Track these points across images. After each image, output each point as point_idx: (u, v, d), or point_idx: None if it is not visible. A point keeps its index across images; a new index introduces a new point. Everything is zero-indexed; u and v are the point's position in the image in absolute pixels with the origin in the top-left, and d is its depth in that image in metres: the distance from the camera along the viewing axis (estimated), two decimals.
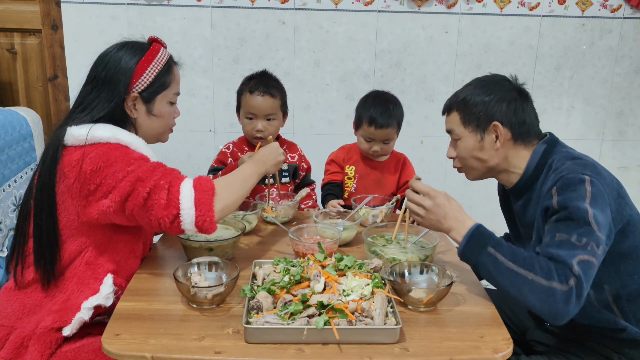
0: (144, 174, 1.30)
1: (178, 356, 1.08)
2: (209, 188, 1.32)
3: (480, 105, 1.44)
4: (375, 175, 2.08)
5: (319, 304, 1.16)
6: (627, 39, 2.94)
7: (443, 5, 2.87)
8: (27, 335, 1.31)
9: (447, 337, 1.17)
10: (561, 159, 1.38)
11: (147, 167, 1.32)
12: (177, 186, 1.30)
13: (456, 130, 1.49)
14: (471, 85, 1.50)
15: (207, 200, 1.30)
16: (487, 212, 3.20)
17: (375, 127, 1.97)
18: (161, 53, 1.47)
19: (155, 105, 1.47)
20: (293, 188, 2.14)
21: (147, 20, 2.84)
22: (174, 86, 1.51)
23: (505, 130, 1.42)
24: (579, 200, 1.25)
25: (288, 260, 1.40)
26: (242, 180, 1.45)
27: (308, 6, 2.85)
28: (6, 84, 3.06)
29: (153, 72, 1.44)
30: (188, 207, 1.28)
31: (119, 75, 1.41)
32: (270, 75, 2.04)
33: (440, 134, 3.13)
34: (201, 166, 3.01)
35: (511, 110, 1.43)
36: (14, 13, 2.94)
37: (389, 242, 1.60)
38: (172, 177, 1.32)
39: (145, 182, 1.29)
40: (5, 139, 2.12)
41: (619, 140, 3.11)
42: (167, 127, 1.54)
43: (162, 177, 1.31)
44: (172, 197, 1.28)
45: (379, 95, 2.05)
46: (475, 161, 1.48)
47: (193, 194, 1.29)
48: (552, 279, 1.20)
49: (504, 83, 1.47)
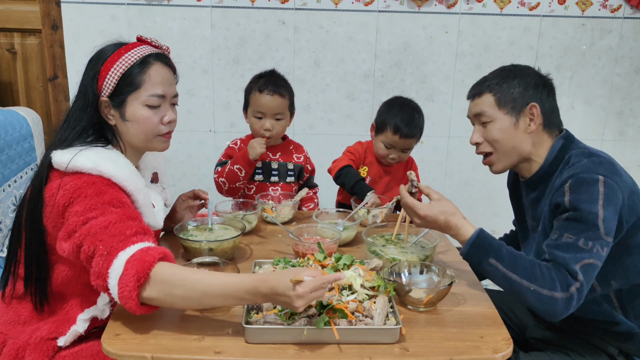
0: (95, 229, 1.17)
1: (178, 356, 1.08)
2: (141, 270, 1.11)
3: (518, 86, 1.43)
4: (386, 180, 2.09)
5: (319, 304, 1.16)
6: (627, 39, 2.94)
7: (443, 5, 2.87)
8: (21, 346, 1.29)
9: (447, 337, 1.17)
10: (578, 155, 1.38)
11: (102, 221, 1.18)
12: (113, 256, 1.14)
13: (488, 112, 1.45)
14: (500, 70, 1.49)
15: (130, 284, 1.11)
16: (487, 212, 3.20)
17: (400, 136, 1.97)
18: (134, 50, 1.35)
19: (126, 108, 1.35)
20: (297, 188, 2.14)
21: (147, 20, 2.84)
22: (148, 87, 1.35)
23: (539, 114, 1.42)
24: (590, 202, 1.26)
25: (288, 260, 1.40)
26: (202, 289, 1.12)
27: (308, 6, 2.85)
28: (6, 84, 3.06)
29: (117, 71, 1.32)
30: (113, 284, 1.13)
31: (86, 80, 1.34)
32: (279, 75, 2.05)
33: (441, 134, 3.15)
34: (201, 166, 3.02)
35: (545, 95, 1.44)
36: (14, 13, 2.94)
37: (389, 242, 1.60)
38: (116, 242, 1.16)
39: (92, 240, 1.17)
40: (5, 139, 2.12)
41: (619, 140, 3.10)
42: (149, 133, 1.38)
43: (107, 239, 1.16)
44: (104, 266, 1.14)
45: (406, 103, 2.04)
46: (508, 144, 1.45)
47: (121, 272, 1.12)
48: (554, 289, 1.23)
49: (531, 70, 1.48)
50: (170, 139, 1.45)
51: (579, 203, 1.27)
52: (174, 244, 1.62)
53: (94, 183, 1.23)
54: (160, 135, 1.41)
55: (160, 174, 1.64)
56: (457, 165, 3.11)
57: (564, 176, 1.34)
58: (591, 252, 1.25)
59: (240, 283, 1.11)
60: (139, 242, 1.17)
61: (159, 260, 1.14)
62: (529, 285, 1.24)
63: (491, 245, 1.31)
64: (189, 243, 1.49)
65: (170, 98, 1.41)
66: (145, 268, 1.11)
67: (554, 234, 1.31)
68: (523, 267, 1.26)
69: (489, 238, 1.33)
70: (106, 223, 1.18)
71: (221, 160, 2.08)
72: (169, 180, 3.02)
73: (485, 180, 3.07)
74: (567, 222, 1.29)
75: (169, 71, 1.41)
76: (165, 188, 1.65)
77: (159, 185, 1.63)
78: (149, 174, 1.58)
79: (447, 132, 3.07)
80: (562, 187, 1.31)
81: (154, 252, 1.14)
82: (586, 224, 1.26)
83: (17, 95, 3.09)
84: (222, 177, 1.99)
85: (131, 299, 1.11)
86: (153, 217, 1.38)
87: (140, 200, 1.32)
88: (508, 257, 1.28)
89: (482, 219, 3.09)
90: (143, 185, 1.34)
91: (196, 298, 1.13)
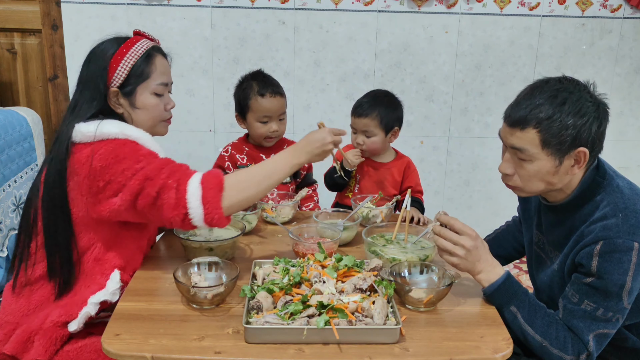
0: (152, 173, 1.29)
1: (178, 356, 1.08)
2: (216, 184, 1.30)
3: (571, 128, 1.20)
4: (377, 177, 2.07)
5: (319, 304, 1.16)
6: (627, 39, 2.94)
7: (443, 5, 2.87)
8: (33, 331, 1.33)
9: (447, 337, 1.17)
10: (612, 204, 1.24)
11: (156, 164, 1.32)
12: (185, 184, 1.29)
13: (530, 150, 1.24)
14: (553, 96, 1.23)
15: (213, 198, 1.29)
16: (487, 213, 3.20)
17: (354, 115, 2.00)
18: (139, 44, 1.43)
19: (137, 97, 1.44)
20: (294, 188, 2.13)
21: (147, 20, 2.84)
22: (156, 76, 1.45)
23: (587, 157, 1.24)
24: (619, 274, 1.18)
25: (288, 260, 1.40)
26: (263, 176, 1.38)
27: (308, 6, 2.85)
28: (6, 84, 3.07)
29: (128, 64, 1.40)
30: (195, 205, 1.28)
31: (96, 72, 1.40)
32: (268, 75, 2.04)
33: (441, 134, 3.16)
34: (201, 166, 2.97)
35: (599, 133, 1.24)
36: (14, 13, 2.94)
37: (389, 242, 1.60)
38: (180, 174, 1.31)
39: (154, 181, 1.29)
40: (5, 139, 2.12)
41: (619, 140, 3.10)
42: (156, 119, 1.49)
43: (170, 175, 1.30)
44: (180, 196, 1.28)
45: (375, 91, 2.07)
46: (542, 184, 1.29)
47: (200, 192, 1.29)
48: (565, 351, 1.23)
49: (589, 98, 1.24)
50: (170, 123, 1.56)
51: (607, 273, 1.19)
52: (174, 244, 1.61)
53: (125, 144, 1.33)
54: (164, 120, 1.52)
55: None
56: (457, 165, 3.11)
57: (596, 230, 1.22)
58: (608, 322, 1.22)
59: (281, 154, 1.43)
60: (197, 171, 1.34)
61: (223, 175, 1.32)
62: (542, 341, 1.24)
63: (515, 292, 1.28)
64: (189, 243, 1.49)
65: (169, 86, 1.53)
66: (220, 182, 1.31)
67: (573, 295, 1.25)
68: (540, 322, 1.25)
69: (515, 284, 1.30)
70: (160, 165, 1.32)
71: None
72: None
73: (485, 180, 3.08)
74: (590, 288, 1.22)
75: (167, 61, 1.51)
76: None
77: None
78: None
79: (447, 132, 3.07)
80: (592, 248, 1.21)
81: (215, 171, 1.35)
82: (609, 295, 1.20)
83: (17, 95, 3.09)
84: None
85: (217, 212, 1.29)
86: None
87: None
88: (529, 308, 1.27)
89: (482, 219, 3.09)
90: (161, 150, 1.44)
91: (263, 182, 1.37)
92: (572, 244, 1.30)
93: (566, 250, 1.32)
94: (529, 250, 1.56)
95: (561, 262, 1.34)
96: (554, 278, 1.37)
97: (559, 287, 1.35)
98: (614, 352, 1.40)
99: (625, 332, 1.38)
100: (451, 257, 1.30)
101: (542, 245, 1.48)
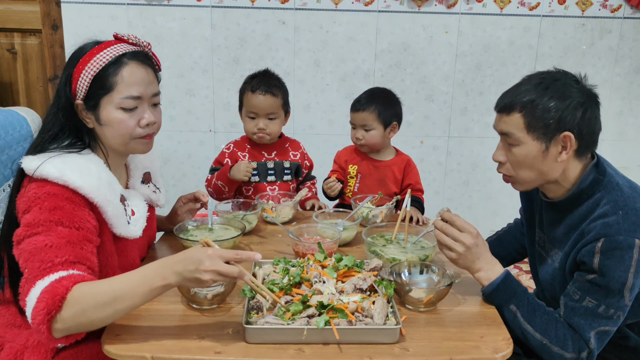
0: (30, 248, 1.14)
1: (178, 356, 1.08)
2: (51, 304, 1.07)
3: (553, 111, 1.24)
4: (378, 175, 2.07)
5: (319, 304, 1.16)
6: (627, 39, 2.94)
7: (443, 5, 2.87)
8: (19, 350, 1.26)
9: (447, 337, 1.17)
10: (612, 202, 1.25)
11: (40, 242, 1.14)
12: (31, 284, 1.11)
13: (516, 134, 1.28)
14: (538, 82, 1.28)
15: (41, 318, 1.07)
16: (487, 212, 3.20)
17: (353, 110, 2.02)
18: (107, 50, 1.28)
19: (101, 112, 1.29)
20: (295, 186, 2.14)
21: (147, 20, 2.84)
22: (121, 88, 1.27)
23: (575, 141, 1.26)
24: (621, 270, 1.19)
25: (288, 260, 1.40)
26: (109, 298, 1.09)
27: (308, 6, 2.85)
28: (6, 84, 3.07)
29: (88, 74, 1.26)
30: (28, 313, 1.10)
31: (61, 82, 1.29)
32: (272, 74, 2.04)
33: (440, 134, 3.16)
34: (201, 166, 3.01)
35: (585, 119, 1.25)
36: (14, 13, 2.94)
37: (389, 242, 1.60)
38: (38, 271, 1.12)
39: (25, 261, 1.14)
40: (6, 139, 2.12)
41: (619, 140, 3.10)
42: (124, 137, 1.31)
43: (34, 265, 1.13)
44: (23, 294, 1.13)
45: (373, 88, 2.10)
46: (533, 172, 1.31)
47: (34, 304, 1.09)
48: (565, 348, 1.23)
49: (575, 84, 1.29)
50: (151, 140, 1.38)
51: (608, 270, 1.19)
52: (174, 244, 1.62)
53: (54, 195, 1.19)
54: (138, 137, 1.34)
55: (154, 174, 1.60)
56: (457, 165, 3.11)
57: (597, 227, 1.23)
58: (610, 320, 1.23)
59: (147, 268, 1.12)
60: (62, 270, 1.12)
61: (73, 286, 1.09)
62: (542, 339, 1.24)
63: (515, 291, 1.29)
64: (189, 243, 1.49)
65: (149, 98, 1.34)
66: (56, 301, 1.07)
67: (575, 293, 1.25)
68: (540, 320, 1.26)
69: (514, 282, 1.30)
70: (42, 244, 1.14)
71: (212, 166, 2.08)
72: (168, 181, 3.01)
73: (485, 180, 3.08)
74: (591, 285, 1.22)
75: (146, 70, 1.32)
76: (159, 188, 1.61)
77: (151, 185, 1.58)
78: (139, 174, 1.54)
79: (447, 132, 3.07)
80: (594, 246, 1.21)
81: (67, 282, 1.09)
82: (611, 292, 1.20)
83: (17, 95, 3.10)
84: (210, 188, 2.02)
85: (40, 332, 1.08)
86: (125, 228, 1.33)
87: (110, 212, 1.27)
88: (528, 307, 1.27)
89: (482, 219, 3.10)
90: (115, 196, 1.30)
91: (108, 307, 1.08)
92: (573, 242, 1.30)
93: (567, 249, 1.32)
94: (532, 250, 1.56)
95: (562, 260, 1.34)
96: (556, 277, 1.38)
97: (560, 286, 1.35)
98: (615, 351, 1.40)
99: (627, 331, 1.38)
100: (450, 252, 1.31)
101: (543, 244, 1.48)
